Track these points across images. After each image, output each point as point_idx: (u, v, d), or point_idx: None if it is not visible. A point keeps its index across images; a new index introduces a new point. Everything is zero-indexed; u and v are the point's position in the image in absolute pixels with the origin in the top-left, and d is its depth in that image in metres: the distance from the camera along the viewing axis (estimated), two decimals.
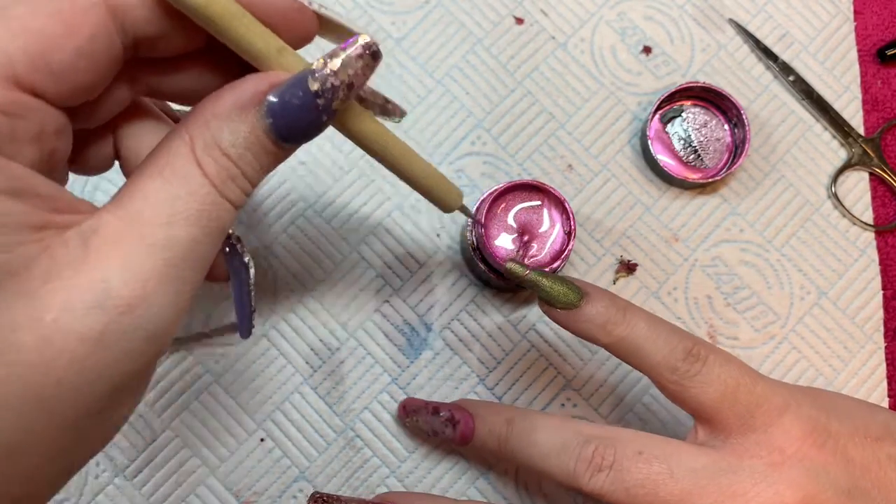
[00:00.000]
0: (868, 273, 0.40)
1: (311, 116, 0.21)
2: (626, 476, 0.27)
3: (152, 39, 0.21)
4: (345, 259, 0.39)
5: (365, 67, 0.21)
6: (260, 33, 0.21)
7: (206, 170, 0.20)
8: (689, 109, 0.41)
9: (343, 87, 0.21)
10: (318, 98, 0.21)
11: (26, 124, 0.18)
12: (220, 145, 0.20)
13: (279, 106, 0.20)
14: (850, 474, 0.26)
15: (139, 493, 0.36)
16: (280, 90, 0.21)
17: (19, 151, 0.18)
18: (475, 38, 0.41)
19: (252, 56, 0.21)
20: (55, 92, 0.19)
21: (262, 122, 0.21)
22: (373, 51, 0.21)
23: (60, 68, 0.18)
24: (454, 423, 0.34)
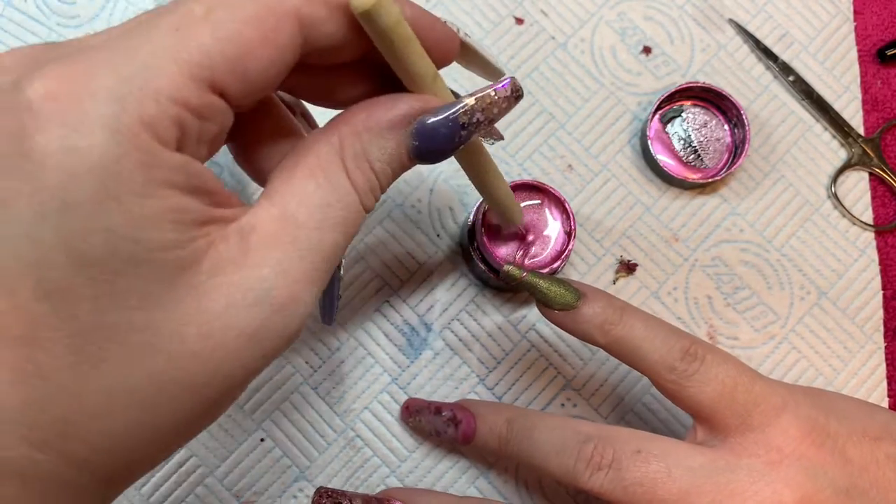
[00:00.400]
0: (868, 273, 0.40)
1: (452, 144, 0.22)
2: (625, 475, 0.27)
3: (326, 50, 0.21)
4: (344, 259, 0.39)
5: (508, 107, 0.23)
6: (422, 57, 0.22)
7: (354, 180, 0.21)
8: (689, 109, 0.41)
9: (485, 123, 0.22)
10: (462, 129, 0.22)
11: (212, 126, 0.19)
12: (369, 158, 0.21)
13: (428, 130, 0.22)
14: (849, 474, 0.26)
15: (139, 494, 0.36)
16: (432, 116, 0.22)
17: (200, 151, 0.19)
18: (475, 38, 0.41)
19: (410, 78, 0.22)
20: (241, 95, 0.19)
21: (407, 141, 0.22)
22: (519, 94, 0.23)
23: (253, 75, 0.19)
24: (456, 423, 0.34)
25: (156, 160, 0.17)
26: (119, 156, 0.17)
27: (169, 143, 0.18)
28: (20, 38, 0.39)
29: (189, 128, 0.18)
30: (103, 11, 0.40)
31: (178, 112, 0.18)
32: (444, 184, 0.40)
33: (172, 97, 0.18)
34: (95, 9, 0.40)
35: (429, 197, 0.40)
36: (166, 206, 0.18)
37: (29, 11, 0.40)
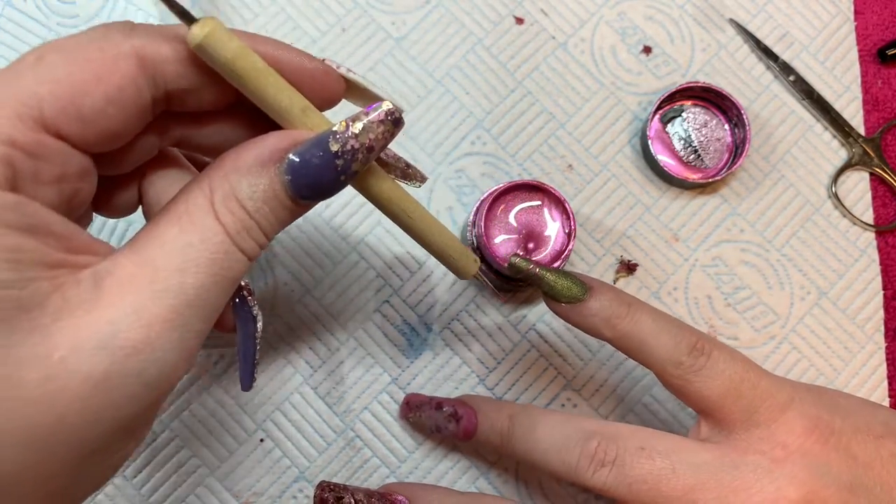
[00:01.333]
0: (868, 273, 0.40)
1: (330, 176, 0.21)
2: (629, 471, 0.26)
3: (183, 93, 0.21)
4: (345, 259, 0.39)
5: (386, 133, 0.22)
6: (285, 92, 0.22)
7: (222, 219, 0.20)
8: (690, 109, 0.41)
9: (363, 150, 0.22)
10: (337, 159, 0.21)
11: (49, 166, 0.19)
12: (238, 197, 0.21)
13: (299, 164, 0.21)
14: (853, 471, 0.26)
15: (139, 494, 0.36)
16: (301, 149, 0.21)
17: (40, 191, 0.19)
18: (475, 38, 0.41)
19: (276, 114, 0.22)
20: (81, 137, 0.19)
21: (280, 178, 0.21)
22: (395, 118, 0.22)
23: (88, 114, 0.19)
24: (457, 419, 0.33)
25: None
26: None
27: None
28: (20, 38, 0.39)
29: (20, 167, 0.18)
30: (103, 11, 0.40)
31: (6, 151, 0.18)
32: (444, 184, 0.39)
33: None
34: (95, 8, 0.40)
35: (429, 197, 0.39)
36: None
37: (29, 11, 0.40)
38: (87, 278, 0.19)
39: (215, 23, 0.20)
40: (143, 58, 0.20)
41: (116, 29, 0.20)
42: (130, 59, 0.19)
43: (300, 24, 0.41)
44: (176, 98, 0.21)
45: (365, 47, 0.41)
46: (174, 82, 0.21)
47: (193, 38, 0.20)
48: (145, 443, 0.36)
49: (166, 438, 0.36)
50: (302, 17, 0.41)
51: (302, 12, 0.41)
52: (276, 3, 0.41)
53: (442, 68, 0.41)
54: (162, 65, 0.20)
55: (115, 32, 0.20)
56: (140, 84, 0.20)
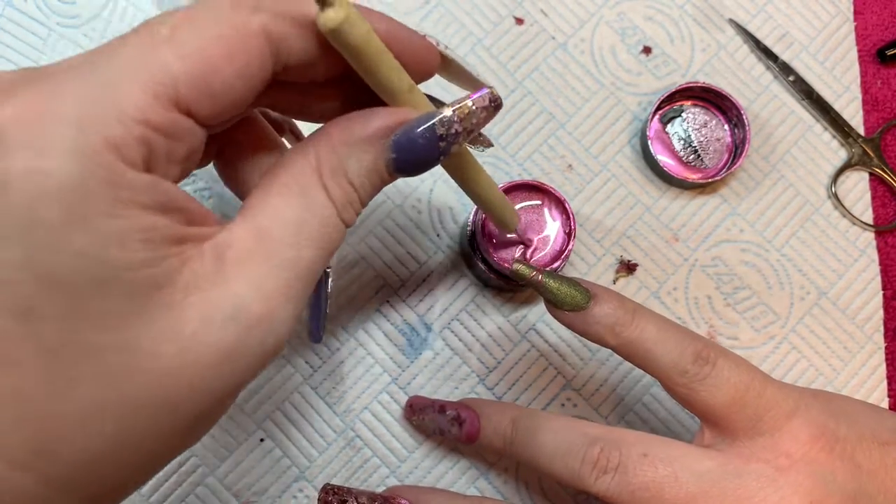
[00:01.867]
0: (868, 273, 0.40)
1: (432, 156, 0.22)
2: (632, 478, 0.26)
3: (298, 68, 0.21)
4: (345, 259, 0.39)
5: (487, 118, 0.23)
6: (396, 71, 0.22)
7: (331, 194, 0.21)
8: (689, 109, 0.41)
9: (464, 133, 0.22)
10: (441, 141, 0.22)
11: (180, 145, 0.19)
12: (346, 172, 0.21)
13: (405, 143, 0.22)
14: (857, 479, 0.26)
15: (139, 494, 0.36)
16: (408, 128, 0.22)
17: (170, 170, 0.19)
18: (475, 38, 0.41)
19: (385, 91, 0.22)
20: (208, 113, 0.19)
21: (386, 154, 0.22)
22: (497, 104, 0.23)
23: (218, 91, 0.19)
24: (460, 422, 0.33)
25: (122, 180, 0.17)
26: (84, 177, 0.17)
27: (135, 162, 0.18)
28: (20, 37, 0.39)
29: (156, 147, 0.18)
30: (104, 11, 0.40)
31: (144, 132, 0.18)
32: (444, 184, 0.39)
33: (136, 117, 0.18)
34: (96, 8, 0.40)
35: (429, 197, 0.39)
36: (134, 226, 0.17)
37: (29, 11, 0.39)
38: (210, 251, 0.19)
39: (350, 8, 0.20)
40: (270, 34, 0.20)
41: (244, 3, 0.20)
42: (259, 37, 0.19)
43: None
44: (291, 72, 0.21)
45: None
46: (294, 58, 0.21)
47: (327, 23, 0.19)
48: None
49: None
50: None
51: None
52: None
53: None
54: (287, 41, 0.20)
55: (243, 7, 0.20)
56: (266, 60, 0.20)
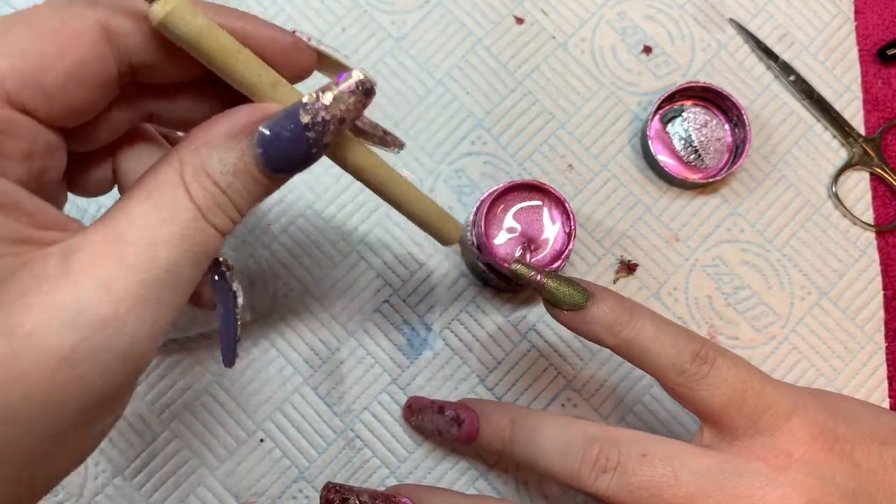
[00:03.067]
0: (868, 273, 0.40)
1: (301, 148, 0.21)
2: (631, 478, 0.26)
3: (149, 67, 0.21)
4: (345, 259, 0.38)
5: (357, 103, 0.21)
6: (255, 67, 0.21)
7: (193, 195, 0.20)
8: (690, 109, 0.41)
9: (334, 122, 0.21)
10: (308, 131, 0.21)
11: (15, 141, 0.18)
12: (209, 172, 0.20)
13: (270, 137, 0.21)
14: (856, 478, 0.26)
15: (139, 494, 0.36)
16: (271, 122, 0.21)
17: (7, 167, 0.18)
18: (475, 38, 0.41)
19: (246, 89, 0.21)
20: (47, 111, 0.19)
21: (252, 151, 0.21)
22: (366, 87, 0.21)
23: (51, 88, 0.19)
24: (459, 423, 0.33)
25: None
26: None
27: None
28: None
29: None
30: None
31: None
32: (444, 184, 0.39)
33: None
34: None
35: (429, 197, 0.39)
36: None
37: None
38: (56, 254, 0.19)
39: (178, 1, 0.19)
40: (107, 30, 0.19)
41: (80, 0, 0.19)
42: (94, 32, 0.19)
43: (300, 25, 0.40)
44: (142, 71, 0.21)
45: (365, 47, 0.40)
46: (139, 55, 0.20)
47: (155, 16, 0.19)
48: (145, 443, 0.36)
49: (166, 438, 0.36)
50: (302, 17, 0.41)
51: (302, 12, 0.41)
52: (276, 3, 0.41)
53: (442, 68, 0.41)
54: (126, 38, 0.20)
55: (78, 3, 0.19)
56: (105, 57, 0.19)
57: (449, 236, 0.29)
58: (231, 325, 0.24)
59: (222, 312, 0.25)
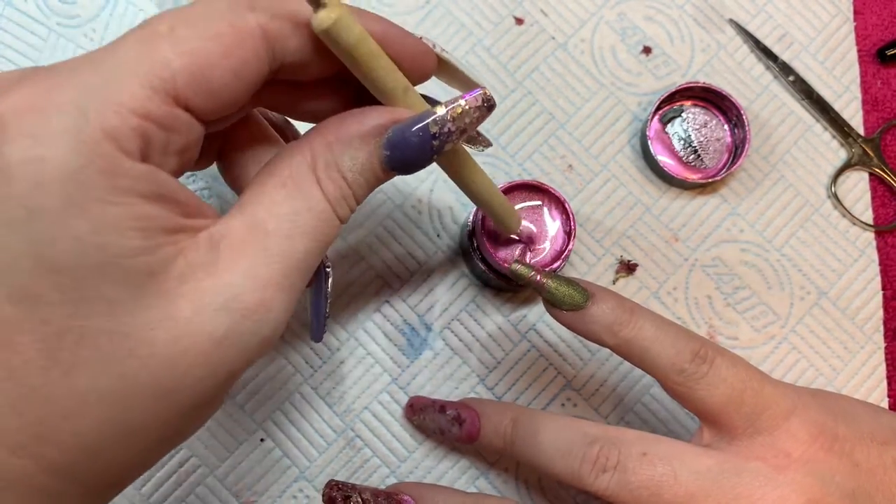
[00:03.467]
0: (868, 273, 0.40)
1: (424, 155, 0.23)
2: (631, 477, 0.26)
3: (296, 66, 0.22)
4: (345, 259, 0.38)
5: (480, 118, 0.23)
6: (391, 71, 0.22)
7: (325, 189, 0.22)
8: (689, 110, 0.41)
9: (457, 133, 0.23)
10: (434, 140, 0.22)
11: (178, 137, 0.19)
12: (340, 168, 0.22)
13: (398, 141, 0.22)
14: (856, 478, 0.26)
15: (139, 493, 0.36)
16: (402, 127, 0.22)
17: (167, 162, 0.20)
18: (475, 38, 0.41)
19: (380, 92, 0.22)
20: (205, 108, 0.20)
21: (379, 152, 0.22)
22: (490, 104, 0.23)
23: (216, 87, 0.19)
24: (460, 422, 0.33)
25: (118, 169, 0.18)
26: (82, 165, 0.17)
27: (132, 153, 0.18)
28: (20, 38, 0.39)
29: (153, 139, 0.19)
30: (103, 12, 0.40)
31: (141, 123, 0.18)
32: (444, 184, 0.39)
33: (134, 109, 0.18)
34: (96, 9, 0.40)
35: (429, 197, 0.39)
36: (130, 214, 0.18)
37: (29, 11, 0.39)
38: (205, 242, 0.20)
39: (342, 9, 0.20)
40: (266, 33, 0.20)
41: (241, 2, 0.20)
42: (256, 35, 0.20)
43: None
44: (286, 69, 0.22)
45: None
46: (291, 56, 0.21)
47: (320, 24, 0.20)
48: None
49: None
50: None
51: None
52: None
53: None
54: (284, 40, 0.21)
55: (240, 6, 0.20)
56: (262, 58, 0.20)
57: (512, 228, 0.33)
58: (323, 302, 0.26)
59: (316, 290, 0.26)
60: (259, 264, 0.20)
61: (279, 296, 0.21)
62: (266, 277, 0.20)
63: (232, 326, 0.19)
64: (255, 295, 0.20)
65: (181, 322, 0.19)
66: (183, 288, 0.19)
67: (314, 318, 0.27)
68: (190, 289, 0.19)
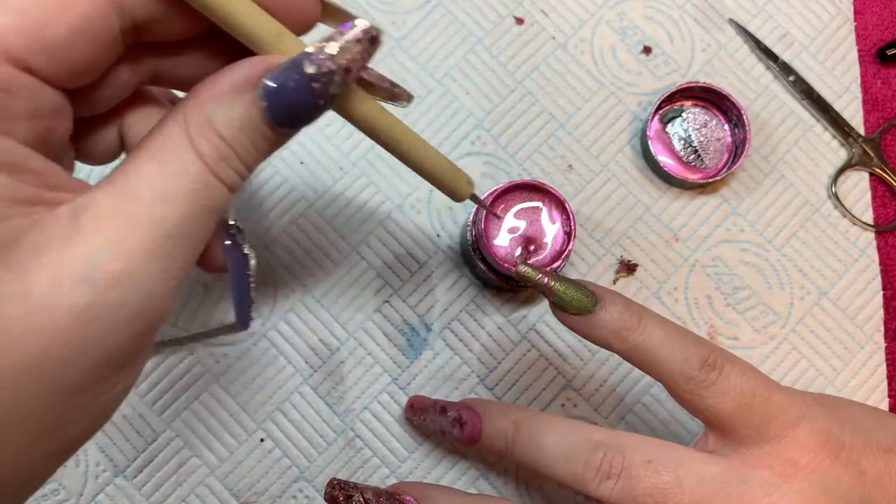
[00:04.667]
0: (868, 273, 0.40)
1: (307, 100, 0.20)
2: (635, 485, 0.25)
3: (152, 22, 0.20)
4: (345, 259, 0.38)
5: (364, 52, 0.21)
6: (258, 18, 0.20)
7: (199, 149, 0.20)
8: (690, 109, 0.40)
9: (340, 72, 0.20)
10: (313, 82, 0.20)
11: (20, 101, 0.18)
12: (215, 126, 0.20)
13: (274, 89, 0.20)
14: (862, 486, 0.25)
15: (139, 494, 0.36)
16: (275, 73, 0.20)
17: (13, 128, 0.18)
18: (475, 38, 0.41)
19: (249, 41, 0.21)
20: (51, 70, 0.18)
21: (257, 104, 0.20)
22: (372, 35, 0.21)
23: (55, 45, 0.18)
24: (462, 424, 0.32)
25: None
26: None
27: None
28: None
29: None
30: None
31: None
32: None
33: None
34: None
35: (429, 197, 0.39)
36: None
37: None
38: (66, 213, 0.18)
39: None
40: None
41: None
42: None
43: None
44: (145, 27, 0.20)
45: None
46: (142, 10, 0.20)
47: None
48: (145, 442, 0.36)
49: (166, 438, 0.36)
50: None
51: None
52: None
53: (442, 68, 0.40)
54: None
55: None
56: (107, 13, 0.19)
57: (461, 192, 0.28)
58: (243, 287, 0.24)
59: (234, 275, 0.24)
60: (124, 232, 0.18)
61: (150, 265, 0.19)
62: (133, 245, 0.18)
63: (94, 299, 0.18)
64: (121, 264, 0.18)
65: (36, 296, 0.17)
66: (37, 260, 0.17)
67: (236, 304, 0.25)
68: (45, 261, 0.18)
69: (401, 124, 0.24)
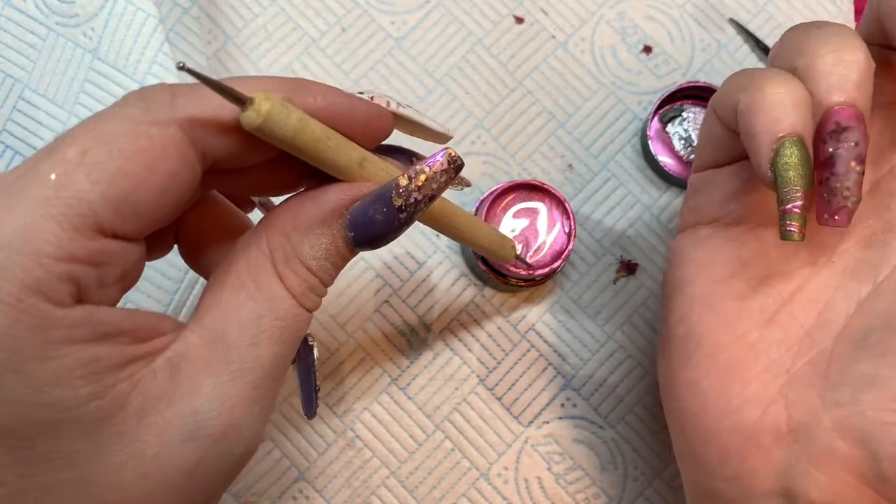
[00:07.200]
0: None
1: (393, 228, 0.20)
2: None
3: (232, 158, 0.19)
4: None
5: (448, 181, 0.21)
6: (343, 148, 0.20)
7: (288, 284, 0.19)
8: (690, 109, 0.40)
9: (425, 201, 0.20)
10: (400, 213, 0.20)
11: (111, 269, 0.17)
12: (302, 259, 0.20)
13: (362, 220, 0.20)
14: None
15: None
16: (363, 205, 0.20)
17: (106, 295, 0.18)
18: (475, 38, 0.41)
19: (335, 172, 0.20)
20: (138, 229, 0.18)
21: (343, 234, 0.20)
22: (457, 165, 0.21)
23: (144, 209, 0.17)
24: None
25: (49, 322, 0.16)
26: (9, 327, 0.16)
27: (63, 300, 0.16)
28: (20, 37, 0.38)
29: (85, 279, 0.17)
30: (102, 11, 0.39)
31: (67, 268, 0.16)
32: None
33: (56, 255, 0.16)
34: (95, 8, 0.39)
35: None
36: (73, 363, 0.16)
37: (28, 11, 0.39)
38: (162, 367, 0.18)
39: (271, 102, 0.17)
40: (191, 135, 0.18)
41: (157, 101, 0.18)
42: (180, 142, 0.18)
43: (300, 24, 0.40)
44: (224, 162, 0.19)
45: (365, 47, 0.40)
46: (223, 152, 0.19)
47: (250, 123, 0.17)
48: None
49: None
50: (301, 17, 0.40)
51: (301, 12, 0.40)
52: (275, 2, 0.40)
53: (442, 68, 0.40)
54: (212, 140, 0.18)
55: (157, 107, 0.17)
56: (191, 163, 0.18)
57: (508, 257, 0.30)
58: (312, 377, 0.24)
59: (302, 367, 0.24)
60: (224, 384, 0.18)
61: (251, 410, 0.19)
62: (234, 396, 0.18)
63: (202, 455, 0.18)
64: (224, 418, 0.18)
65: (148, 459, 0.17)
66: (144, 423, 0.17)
67: (304, 395, 0.25)
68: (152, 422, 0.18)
69: (457, 209, 0.25)
